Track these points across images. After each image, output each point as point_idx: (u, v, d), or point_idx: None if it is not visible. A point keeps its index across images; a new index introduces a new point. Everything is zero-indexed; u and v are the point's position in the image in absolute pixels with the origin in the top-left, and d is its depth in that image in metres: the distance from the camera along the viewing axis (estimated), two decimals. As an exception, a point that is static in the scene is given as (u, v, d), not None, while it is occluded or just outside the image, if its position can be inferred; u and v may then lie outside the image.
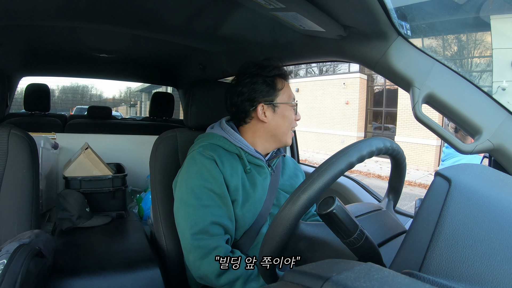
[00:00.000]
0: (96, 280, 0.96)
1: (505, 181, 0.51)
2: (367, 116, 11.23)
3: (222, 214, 0.82)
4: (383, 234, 0.60)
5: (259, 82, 0.92)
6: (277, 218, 0.49)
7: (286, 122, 0.93)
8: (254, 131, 0.94)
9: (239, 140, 0.91)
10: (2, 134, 0.98)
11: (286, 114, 0.93)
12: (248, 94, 0.92)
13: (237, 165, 0.89)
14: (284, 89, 0.93)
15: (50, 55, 2.09)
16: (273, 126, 0.93)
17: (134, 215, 1.68)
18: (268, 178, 0.93)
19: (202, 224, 0.80)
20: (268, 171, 0.93)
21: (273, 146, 0.95)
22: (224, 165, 0.86)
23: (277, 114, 0.92)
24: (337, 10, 0.77)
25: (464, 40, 6.83)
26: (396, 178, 0.69)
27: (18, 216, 0.97)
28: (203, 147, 0.88)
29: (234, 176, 0.86)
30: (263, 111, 0.92)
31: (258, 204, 0.88)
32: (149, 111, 2.59)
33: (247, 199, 0.87)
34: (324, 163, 0.50)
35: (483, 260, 0.36)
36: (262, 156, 0.93)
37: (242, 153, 0.90)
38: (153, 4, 1.08)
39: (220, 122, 0.97)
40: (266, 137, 0.94)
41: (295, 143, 1.72)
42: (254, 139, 0.94)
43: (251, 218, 0.87)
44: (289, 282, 0.35)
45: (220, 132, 0.93)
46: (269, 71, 0.92)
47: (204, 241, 0.79)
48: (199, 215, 0.81)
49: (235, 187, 0.86)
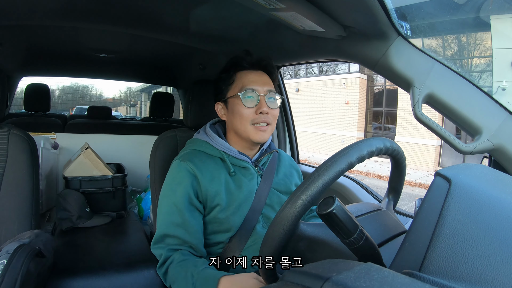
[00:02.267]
0: (96, 280, 0.96)
1: (505, 181, 0.51)
2: (367, 116, 11.23)
3: (177, 226, 0.83)
4: (383, 234, 0.60)
5: (217, 80, 0.93)
6: (277, 218, 0.49)
7: (237, 117, 0.86)
8: (227, 132, 0.94)
9: (221, 143, 0.89)
10: (2, 134, 0.98)
11: (235, 109, 0.86)
12: (213, 94, 0.95)
13: (220, 169, 0.87)
14: (235, 81, 0.89)
15: (50, 55, 2.10)
16: (231, 124, 0.90)
17: (134, 215, 1.68)
18: (256, 179, 0.90)
19: (158, 233, 0.84)
20: (255, 172, 0.90)
21: (246, 144, 0.90)
22: (203, 173, 0.85)
23: (229, 111, 0.89)
24: (337, 10, 0.77)
25: (464, 40, 6.83)
26: (396, 178, 0.69)
27: (18, 216, 0.97)
28: (183, 157, 0.88)
29: (215, 181, 0.85)
30: (222, 109, 0.92)
31: (244, 206, 0.86)
32: (149, 111, 2.59)
33: (232, 202, 0.85)
34: (324, 163, 0.50)
35: (483, 260, 0.36)
36: (247, 157, 0.90)
37: (225, 156, 0.88)
38: (153, 4, 1.08)
39: (205, 127, 0.96)
40: (234, 136, 0.91)
41: (295, 143, 1.72)
42: (231, 139, 0.92)
43: (238, 220, 0.85)
44: (289, 282, 0.35)
45: (203, 137, 0.92)
46: (226, 66, 0.92)
47: (160, 249, 0.83)
48: (159, 224, 0.85)
49: (215, 192, 0.85)
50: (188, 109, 1.10)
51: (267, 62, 0.91)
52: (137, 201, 1.87)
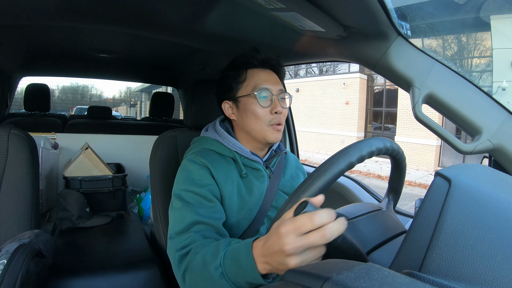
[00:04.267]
0: (96, 280, 0.96)
1: (505, 181, 0.51)
2: (367, 116, 11.24)
3: (206, 213, 0.75)
4: (383, 234, 0.60)
5: (224, 77, 0.89)
6: (276, 218, 0.49)
7: (252, 117, 0.82)
8: (236, 129, 0.90)
9: (233, 143, 0.85)
10: (2, 134, 0.98)
11: (249, 108, 0.83)
12: (217, 92, 0.90)
13: (232, 170, 0.84)
14: (247, 80, 0.85)
15: (50, 55, 2.10)
16: (242, 124, 0.85)
17: (134, 215, 1.68)
18: (266, 182, 0.87)
19: (184, 223, 0.74)
20: (266, 174, 0.87)
21: (258, 144, 0.87)
22: (218, 171, 0.81)
23: (240, 110, 0.85)
24: (337, 10, 0.77)
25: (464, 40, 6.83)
26: (396, 178, 0.69)
27: (18, 216, 0.97)
28: (195, 154, 0.84)
29: (228, 183, 0.82)
30: (230, 108, 0.88)
31: (253, 210, 0.84)
32: (149, 111, 2.59)
33: (243, 206, 0.82)
34: (324, 163, 0.50)
35: (483, 260, 0.36)
36: (260, 158, 0.87)
37: (237, 156, 0.84)
38: (153, 4, 1.08)
39: (214, 124, 0.92)
40: (245, 136, 0.87)
41: (295, 143, 1.72)
42: (241, 139, 0.88)
43: (245, 224, 0.83)
44: (289, 282, 0.35)
45: (213, 135, 0.88)
46: (235, 63, 0.88)
47: (184, 241, 0.71)
48: (183, 215, 0.75)
49: (229, 194, 0.81)
50: (188, 109, 1.10)
51: (276, 61, 0.89)
52: (137, 201, 1.87)
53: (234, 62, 0.88)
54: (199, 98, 1.10)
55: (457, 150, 0.76)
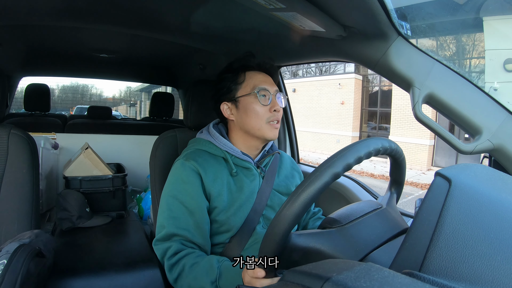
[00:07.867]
0: (96, 280, 0.96)
1: (505, 181, 0.51)
2: (362, 116, 11.30)
3: (187, 226, 0.83)
4: (383, 234, 0.60)
5: (222, 79, 0.93)
6: (276, 218, 0.50)
7: (252, 115, 0.87)
8: (231, 130, 0.94)
9: (224, 143, 0.90)
10: (2, 134, 0.98)
11: (249, 107, 0.87)
12: (214, 94, 0.95)
13: (223, 169, 0.88)
14: (246, 81, 0.90)
15: (50, 55, 2.10)
16: (242, 123, 0.90)
17: (134, 215, 1.68)
18: (257, 180, 0.90)
19: (163, 233, 0.83)
20: (257, 173, 0.91)
21: (255, 143, 0.91)
22: (206, 172, 0.85)
23: (240, 110, 0.89)
24: (337, 10, 0.77)
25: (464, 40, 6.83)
26: (397, 172, 0.68)
27: (18, 216, 0.97)
28: (186, 156, 0.88)
29: (218, 182, 0.86)
30: (229, 109, 0.91)
31: (245, 207, 0.86)
32: (149, 111, 2.59)
33: (233, 203, 0.86)
34: (324, 163, 0.50)
35: (483, 260, 0.36)
36: (250, 157, 0.91)
37: (227, 156, 0.89)
38: (153, 4, 1.08)
39: (208, 126, 0.96)
40: (243, 135, 0.91)
41: (295, 143, 1.72)
42: (236, 140, 0.92)
43: (238, 221, 0.86)
44: (289, 282, 0.35)
45: (206, 136, 0.93)
46: (232, 65, 0.92)
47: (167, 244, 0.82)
48: (163, 224, 0.84)
49: (217, 193, 0.85)
50: (188, 109, 1.10)
51: (270, 64, 0.94)
52: (137, 201, 1.87)
53: (232, 65, 0.94)
54: (199, 98, 1.10)
55: (457, 150, 0.76)
